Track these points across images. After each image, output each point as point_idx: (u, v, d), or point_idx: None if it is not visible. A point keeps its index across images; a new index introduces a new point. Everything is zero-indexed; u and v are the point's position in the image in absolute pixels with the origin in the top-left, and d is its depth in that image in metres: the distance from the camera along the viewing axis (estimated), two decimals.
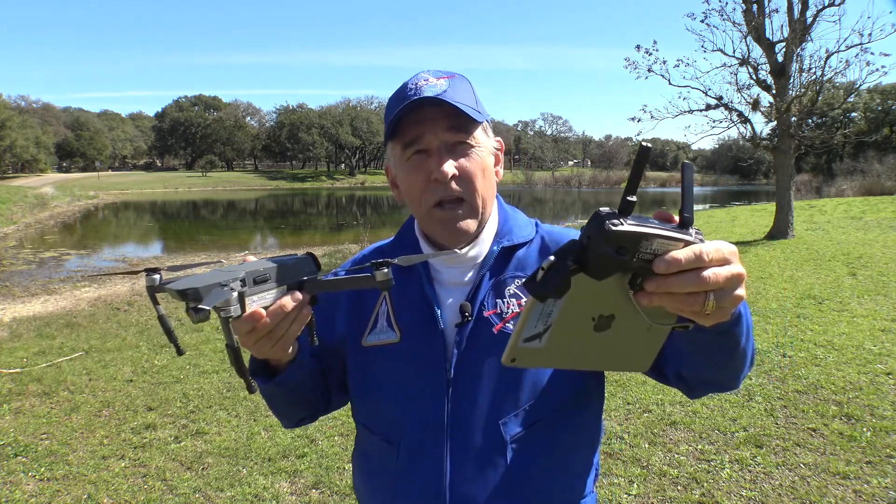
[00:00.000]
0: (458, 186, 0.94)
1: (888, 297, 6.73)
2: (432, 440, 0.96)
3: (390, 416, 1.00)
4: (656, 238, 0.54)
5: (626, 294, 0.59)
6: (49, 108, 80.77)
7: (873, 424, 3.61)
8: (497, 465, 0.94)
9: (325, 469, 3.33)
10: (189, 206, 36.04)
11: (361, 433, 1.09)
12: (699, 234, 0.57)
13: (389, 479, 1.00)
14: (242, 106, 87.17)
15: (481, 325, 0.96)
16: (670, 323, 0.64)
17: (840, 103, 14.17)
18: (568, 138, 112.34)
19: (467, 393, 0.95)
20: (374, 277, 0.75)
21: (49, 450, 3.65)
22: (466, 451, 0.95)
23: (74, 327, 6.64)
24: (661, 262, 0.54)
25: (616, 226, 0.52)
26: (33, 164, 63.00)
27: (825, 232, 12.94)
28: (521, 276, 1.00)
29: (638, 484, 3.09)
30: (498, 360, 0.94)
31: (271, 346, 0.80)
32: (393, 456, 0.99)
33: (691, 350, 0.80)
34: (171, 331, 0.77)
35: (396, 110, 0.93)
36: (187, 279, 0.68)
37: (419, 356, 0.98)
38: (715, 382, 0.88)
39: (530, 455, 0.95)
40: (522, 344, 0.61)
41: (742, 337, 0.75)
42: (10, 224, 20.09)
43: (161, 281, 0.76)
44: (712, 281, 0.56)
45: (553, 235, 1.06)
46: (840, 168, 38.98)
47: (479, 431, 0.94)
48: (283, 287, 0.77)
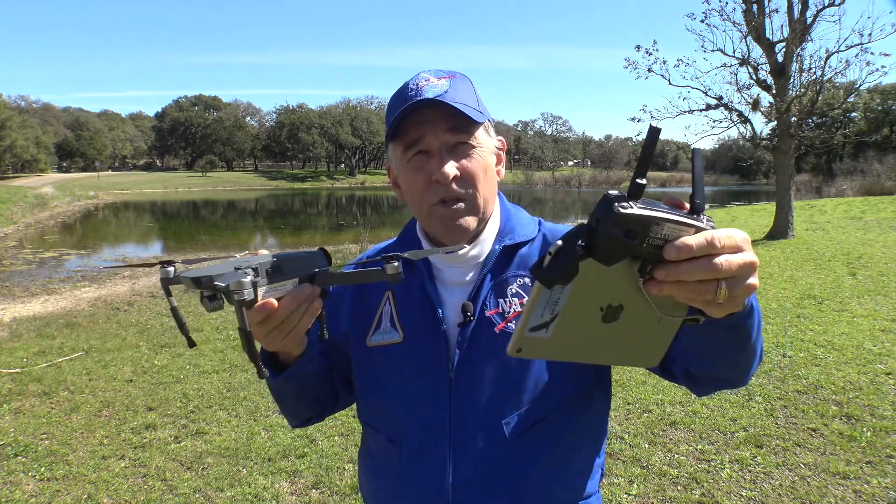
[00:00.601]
0: (459, 187, 0.94)
1: (888, 297, 6.73)
2: (434, 440, 0.96)
3: (393, 416, 1.01)
4: (667, 223, 0.52)
5: (636, 283, 0.57)
6: (49, 108, 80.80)
7: (873, 424, 3.61)
8: (499, 464, 0.94)
9: (325, 469, 3.33)
10: (189, 206, 36.04)
11: (366, 432, 1.10)
12: (710, 221, 0.56)
13: (392, 479, 1.00)
14: (242, 106, 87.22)
15: (483, 325, 0.96)
16: (681, 315, 0.62)
17: (840, 103, 14.18)
18: (568, 138, 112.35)
19: (469, 393, 0.95)
20: (385, 270, 0.75)
21: (49, 450, 3.65)
22: (468, 450, 0.95)
23: (74, 327, 6.64)
24: (672, 247, 0.53)
25: (625, 208, 0.50)
26: (33, 164, 63.02)
27: (825, 232, 12.94)
28: (524, 275, 1.00)
29: (638, 484, 3.09)
30: (500, 360, 0.94)
31: (282, 338, 0.80)
32: (396, 455, 0.99)
33: (700, 345, 0.79)
34: (182, 323, 0.77)
35: (397, 111, 0.93)
36: (201, 269, 0.68)
37: (421, 356, 0.98)
38: (724, 379, 0.87)
39: (532, 455, 0.95)
40: (529, 333, 0.60)
41: (753, 330, 0.73)
42: (10, 224, 20.09)
43: (175, 273, 0.76)
44: (724, 268, 0.54)
45: (556, 233, 1.05)
46: (840, 168, 39.00)
47: (480, 431, 0.94)
48: (295, 279, 0.77)
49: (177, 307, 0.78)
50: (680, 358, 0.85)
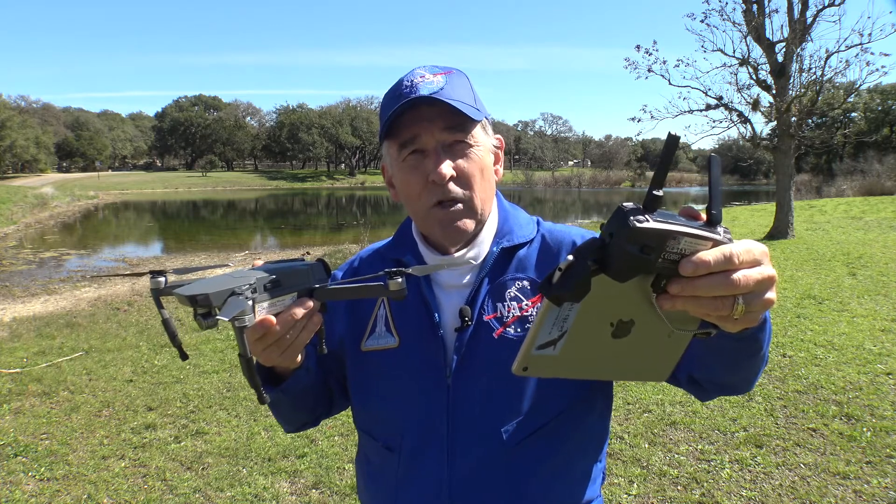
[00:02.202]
0: (456, 187, 0.91)
1: (888, 297, 6.73)
2: (432, 447, 0.94)
3: (390, 423, 0.99)
4: (684, 237, 0.50)
5: (648, 297, 0.55)
6: (49, 108, 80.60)
7: (873, 424, 3.61)
8: (498, 472, 0.92)
9: (325, 469, 3.32)
10: (189, 206, 36.04)
11: (363, 439, 1.07)
12: (727, 232, 0.53)
13: (390, 487, 0.98)
14: (242, 106, 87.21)
15: (481, 330, 0.94)
16: (692, 329, 0.59)
17: (840, 103, 14.16)
18: (568, 138, 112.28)
19: (467, 399, 0.93)
20: (388, 287, 0.72)
21: (49, 450, 3.64)
22: (467, 457, 0.93)
23: (74, 327, 6.64)
24: (689, 263, 0.51)
25: (641, 222, 0.48)
26: (33, 164, 63.00)
27: (825, 232, 12.94)
28: (522, 278, 0.97)
29: (638, 484, 3.09)
30: (498, 366, 0.90)
31: (280, 353, 0.78)
32: (393, 462, 0.97)
33: (708, 354, 0.77)
34: (174, 335, 0.76)
35: (391, 109, 0.90)
36: (196, 284, 0.66)
37: (418, 362, 0.95)
38: (730, 386, 0.85)
39: (532, 461, 0.93)
40: (536, 352, 0.57)
41: (764, 343, 0.71)
42: (10, 224, 20.09)
43: (166, 284, 0.74)
44: (742, 284, 0.52)
45: (555, 234, 1.02)
46: (840, 168, 38.99)
47: (479, 438, 0.92)
48: (294, 294, 0.75)
49: (169, 319, 0.77)
50: (685, 365, 0.83)
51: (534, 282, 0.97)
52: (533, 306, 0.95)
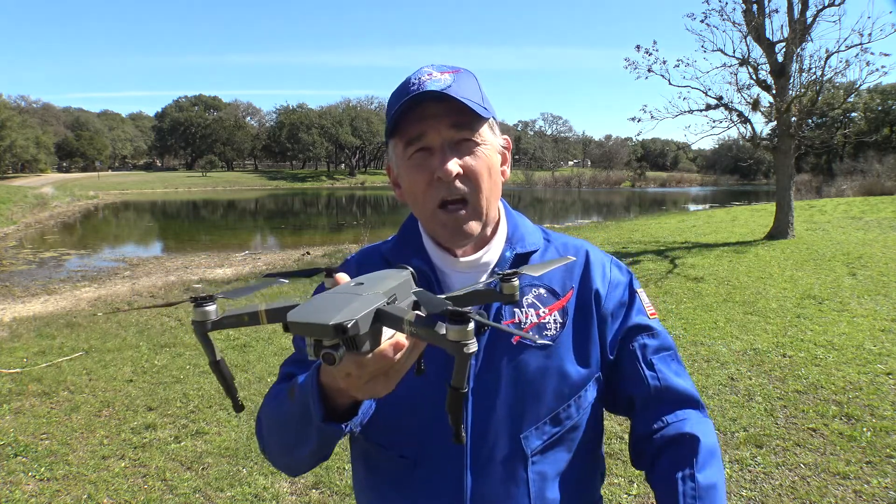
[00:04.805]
0: (462, 185, 0.90)
1: (888, 297, 6.73)
2: (451, 455, 0.92)
3: (407, 432, 0.95)
4: None
5: None
6: (49, 108, 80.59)
7: (873, 424, 3.61)
8: (518, 479, 0.92)
9: (325, 469, 3.32)
10: (189, 206, 36.04)
11: (371, 452, 1.00)
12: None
13: (408, 497, 0.95)
14: (242, 106, 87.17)
15: (499, 336, 0.92)
16: None
17: (840, 103, 14.13)
18: (568, 138, 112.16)
19: (486, 406, 0.92)
20: (501, 290, 0.63)
21: (49, 450, 3.64)
22: (487, 465, 0.92)
23: (74, 327, 6.64)
24: None
25: None
26: (33, 164, 62.99)
27: (825, 232, 12.94)
28: (538, 285, 0.96)
29: (638, 484, 3.09)
30: (517, 372, 0.91)
31: (385, 384, 0.64)
32: (410, 473, 0.95)
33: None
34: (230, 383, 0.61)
35: (398, 105, 0.88)
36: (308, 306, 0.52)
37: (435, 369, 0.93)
38: None
39: (552, 468, 0.93)
40: None
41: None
42: (10, 224, 20.09)
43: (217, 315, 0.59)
44: None
45: (566, 245, 1.02)
46: (840, 168, 39.03)
47: (499, 446, 0.92)
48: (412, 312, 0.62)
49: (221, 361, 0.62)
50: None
51: (550, 290, 0.97)
52: (550, 314, 0.95)
